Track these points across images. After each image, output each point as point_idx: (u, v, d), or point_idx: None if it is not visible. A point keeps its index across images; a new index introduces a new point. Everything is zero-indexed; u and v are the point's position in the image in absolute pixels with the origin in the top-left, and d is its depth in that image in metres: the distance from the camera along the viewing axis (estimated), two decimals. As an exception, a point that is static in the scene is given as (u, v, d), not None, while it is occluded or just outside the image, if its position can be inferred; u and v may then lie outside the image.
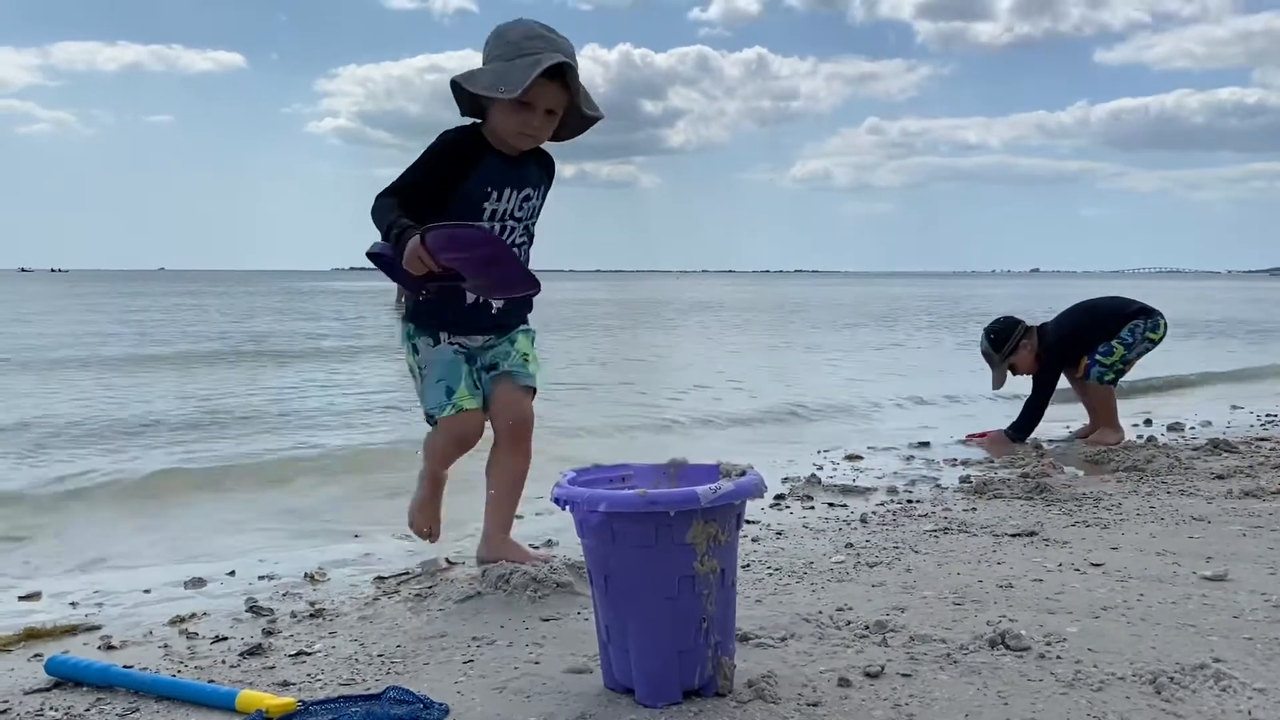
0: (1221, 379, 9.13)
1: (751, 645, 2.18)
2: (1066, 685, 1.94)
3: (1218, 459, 4.67)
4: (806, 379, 9.32)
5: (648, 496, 1.80)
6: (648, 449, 5.46)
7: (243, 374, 9.59)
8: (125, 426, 6.11)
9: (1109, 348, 5.33)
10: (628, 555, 1.84)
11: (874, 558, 2.94)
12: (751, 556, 2.97)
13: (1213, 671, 1.97)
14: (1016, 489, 3.94)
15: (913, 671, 2.03)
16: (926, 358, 12.14)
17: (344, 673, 2.09)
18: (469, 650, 2.21)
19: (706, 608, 1.87)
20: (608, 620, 1.92)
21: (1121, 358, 5.32)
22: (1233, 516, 3.43)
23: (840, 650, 2.16)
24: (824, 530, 3.35)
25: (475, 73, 2.59)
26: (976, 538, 3.18)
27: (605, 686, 1.96)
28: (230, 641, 2.33)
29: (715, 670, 1.90)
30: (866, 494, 4.03)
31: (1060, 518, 3.45)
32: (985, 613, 2.40)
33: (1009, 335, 5.44)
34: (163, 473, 4.65)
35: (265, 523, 3.81)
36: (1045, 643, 2.17)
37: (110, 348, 12.84)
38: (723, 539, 1.86)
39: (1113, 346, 5.32)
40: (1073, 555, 2.93)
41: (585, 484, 2.03)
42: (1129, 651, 2.12)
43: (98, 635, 2.41)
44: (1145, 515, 3.47)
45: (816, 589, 2.63)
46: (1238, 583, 2.63)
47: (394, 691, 1.90)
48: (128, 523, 3.83)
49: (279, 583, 2.89)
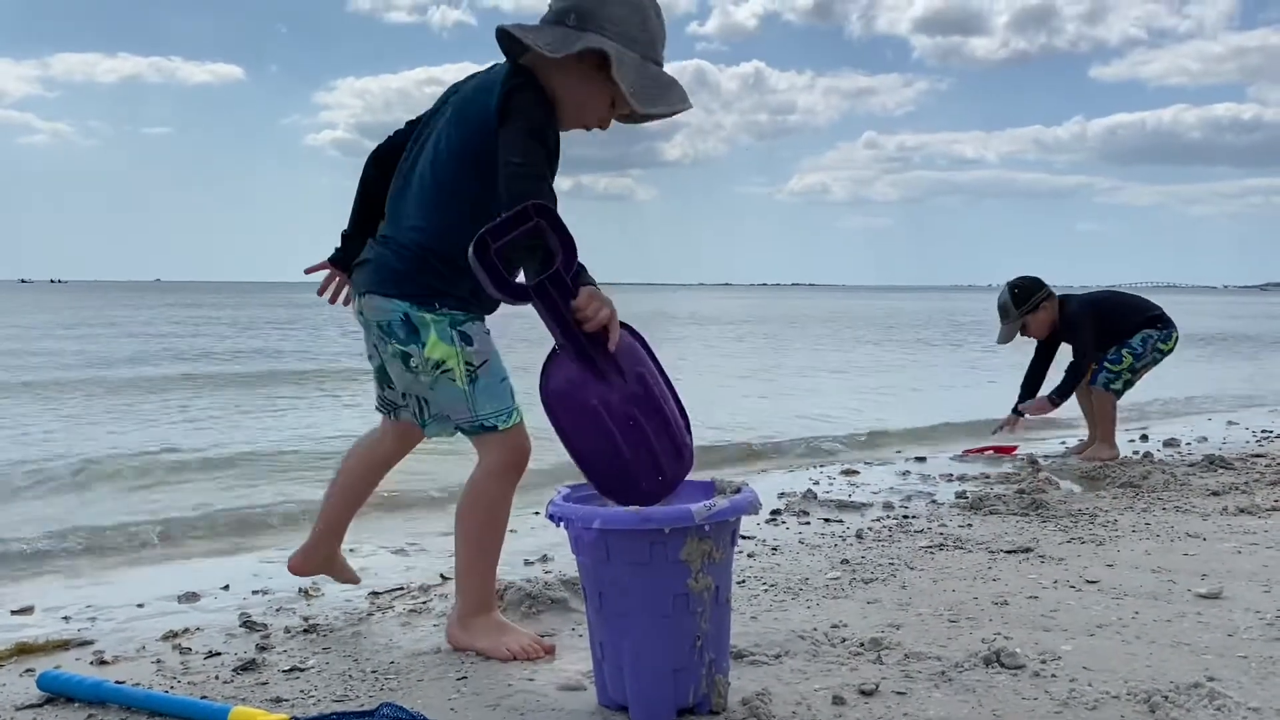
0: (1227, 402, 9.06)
1: (746, 663, 2.18)
2: (1061, 704, 1.94)
3: (1213, 475, 4.67)
4: (811, 397, 9.33)
5: (642, 513, 1.80)
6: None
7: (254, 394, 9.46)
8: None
9: (1118, 355, 5.30)
10: (622, 572, 1.84)
11: (869, 574, 2.94)
12: (747, 572, 2.97)
13: (1207, 691, 1.96)
14: (1012, 505, 3.93)
15: (907, 689, 2.02)
16: (932, 373, 12.17)
17: (337, 689, 2.08)
18: (463, 667, 2.20)
19: (701, 625, 1.86)
20: (602, 637, 1.92)
21: (1130, 366, 5.31)
22: (1228, 534, 3.43)
23: (835, 668, 2.16)
24: (820, 546, 3.35)
25: (620, 56, 2.15)
26: (972, 554, 3.18)
27: (599, 704, 1.96)
28: (224, 657, 2.32)
29: (709, 688, 1.89)
30: (862, 509, 4.03)
31: (1056, 534, 3.45)
32: (980, 630, 2.40)
33: (1032, 294, 5.40)
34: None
35: (259, 536, 3.80)
36: (1040, 661, 2.17)
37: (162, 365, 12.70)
38: (717, 556, 1.86)
39: (1122, 355, 5.29)
40: (1068, 572, 2.93)
41: (580, 500, 2.03)
42: (1123, 670, 2.12)
43: (90, 650, 2.40)
44: (1141, 532, 3.47)
45: (812, 606, 2.63)
46: (1232, 600, 2.63)
47: (387, 709, 1.89)
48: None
49: (273, 598, 2.88)
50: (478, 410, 2.25)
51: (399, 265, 2.27)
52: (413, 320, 2.24)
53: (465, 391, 2.24)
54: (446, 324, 2.24)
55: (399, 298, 2.25)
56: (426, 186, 2.28)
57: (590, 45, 2.15)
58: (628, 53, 2.17)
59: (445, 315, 2.25)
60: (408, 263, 2.26)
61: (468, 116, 2.25)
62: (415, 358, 2.25)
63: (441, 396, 2.27)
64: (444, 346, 2.23)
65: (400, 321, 2.25)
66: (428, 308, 2.24)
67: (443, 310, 2.24)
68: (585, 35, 2.16)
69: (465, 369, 2.24)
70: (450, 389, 2.25)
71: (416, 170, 2.31)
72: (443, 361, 2.23)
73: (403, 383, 2.33)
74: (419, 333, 2.24)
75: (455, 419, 2.28)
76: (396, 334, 2.26)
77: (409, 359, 2.26)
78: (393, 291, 2.26)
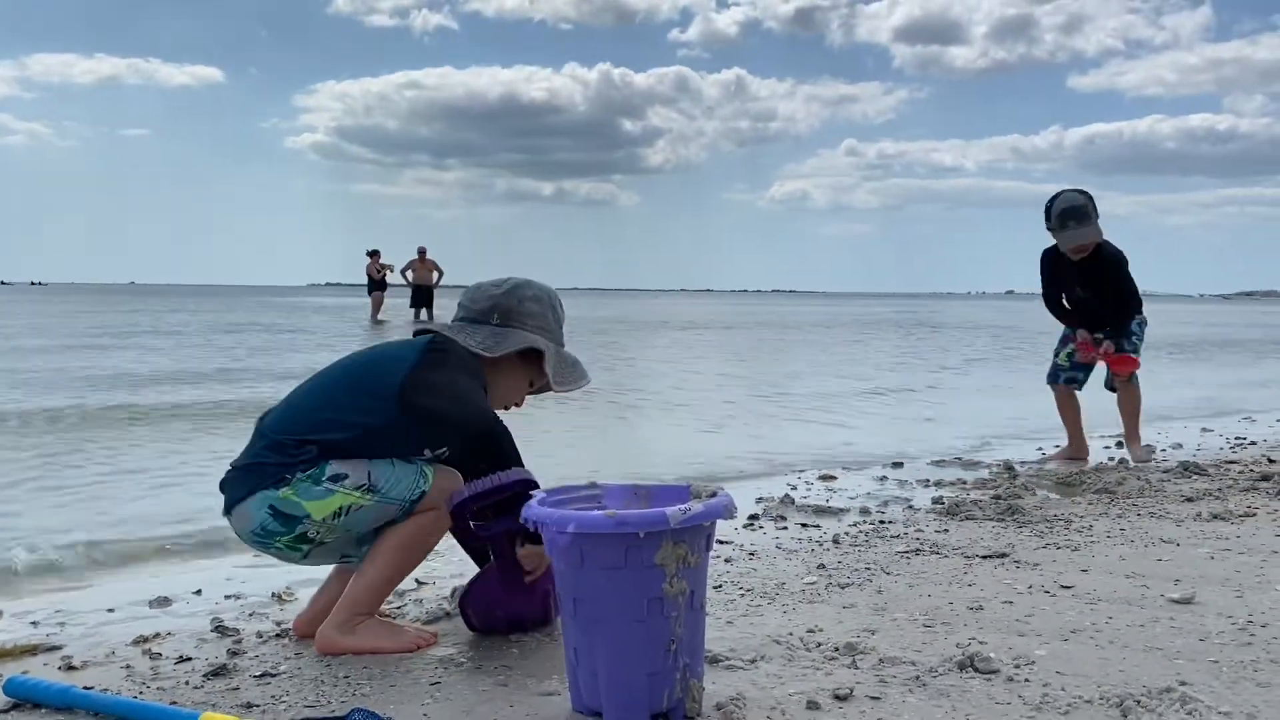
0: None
1: (721, 667, 2.17)
2: (1034, 708, 1.95)
3: (1188, 481, 4.71)
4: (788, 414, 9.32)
5: (617, 518, 1.79)
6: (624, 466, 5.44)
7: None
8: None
9: (1140, 334, 5.40)
10: (596, 577, 1.83)
11: (845, 579, 2.94)
12: (724, 577, 2.96)
13: (1179, 695, 1.97)
14: (988, 510, 3.95)
15: (881, 694, 2.02)
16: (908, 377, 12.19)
17: (309, 694, 2.07)
18: (435, 672, 2.19)
19: (675, 630, 1.86)
20: (576, 642, 1.91)
21: (1135, 347, 5.38)
22: (1201, 539, 3.46)
23: (810, 672, 2.15)
24: (796, 551, 3.35)
25: (549, 349, 2.49)
26: (948, 559, 3.19)
27: (574, 709, 1.95)
28: (195, 662, 2.30)
29: (684, 693, 1.89)
30: (839, 515, 4.03)
31: (1031, 539, 3.47)
32: (955, 635, 2.40)
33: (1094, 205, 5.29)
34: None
35: (232, 542, 3.76)
36: (1014, 665, 2.18)
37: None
38: (692, 561, 1.86)
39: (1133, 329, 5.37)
40: (1043, 577, 2.94)
41: (555, 504, 2.02)
42: (1096, 674, 2.13)
43: (58, 655, 2.37)
44: (1115, 537, 3.49)
45: (788, 610, 2.63)
46: (1205, 605, 2.64)
47: (359, 714, 1.88)
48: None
49: (245, 602, 2.85)
50: (400, 498, 2.32)
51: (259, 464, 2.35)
52: (278, 507, 2.27)
53: (376, 503, 2.30)
54: (309, 483, 2.27)
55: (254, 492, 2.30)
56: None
57: (527, 344, 2.47)
58: (550, 344, 2.50)
59: (305, 478, 2.27)
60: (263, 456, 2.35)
61: (369, 358, 2.51)
62: (311, 529, 2.29)
63: (365, 520, 2.32)
64: (323, 502, 2.27)
65: (270, 517, 2.28)
66: (281, 485, 2.27)
67: (298, 477, 2.27)
68: (514, 333, 2.48)
69: (360, 493, 2.29)
70: (365, 514, 2.31)
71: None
72: (339, 508, 2.28)
73: (331, 551, 2.41)
74: (294, 513, 2.27)
75: (385, 520, 2.34)
76: (274, 529, 2.30)
77: (306, 537, 2.30)
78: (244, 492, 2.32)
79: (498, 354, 2.43)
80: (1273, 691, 2.03)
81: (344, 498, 2.27)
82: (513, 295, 2.51)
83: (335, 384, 2.43)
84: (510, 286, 2.53)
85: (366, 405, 2.34)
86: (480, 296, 2.53)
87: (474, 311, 2.51)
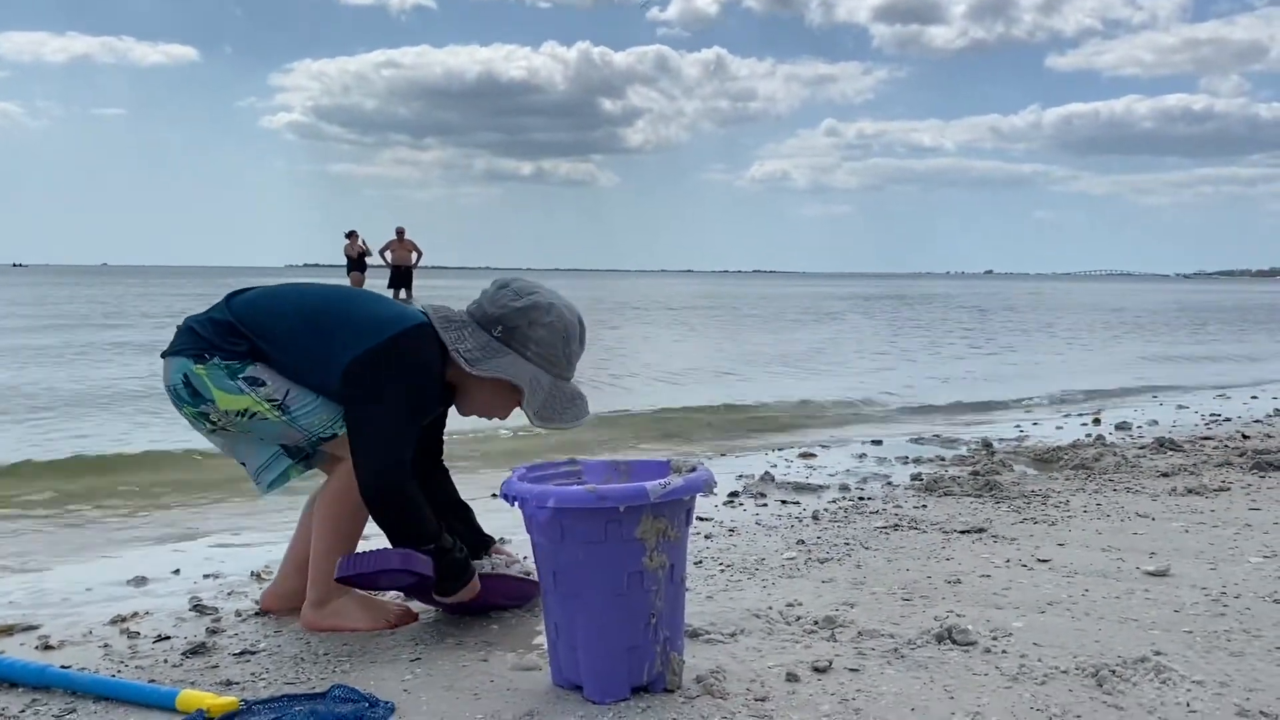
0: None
1: (701, 641, 2.18)
2: (1011, 679, 1.97)
3: (1163, 457, 4.76)
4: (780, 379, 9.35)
5: (597, 492, 1.79)
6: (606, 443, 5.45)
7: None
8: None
9: None
10: (576, 551, 1.83)
11: (825, 554, 2.96)
12: (704, 553, 2.97)
13: (1153, 664, 2.00)
14: (966, 486, 3.98)
15: (860, 666, 2.04)
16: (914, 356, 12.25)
17: (289, 672, 2.06)
18: (416, 648, 2.19)
19: (655, 604, 1.86)
20: (556, 617, 1.91)
21: None
22: (1176, 513, 3.50)
23: (789, 645, 2.17)
24: (776, 527, 3.36)
25: (534, 387, 2.28)
26: (926, 534, 3.21)
27: (554, 683, 1.95)
28: (173, 641, 2.28)
29: (664, 666, 1.90)
30: (819, 491, 4.05)
31: (1009, 515, 3.49)
32: (933, 608, 2.42)
33: None
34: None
35: (211, 521, 3.74)
36: (991, 637, 2.20)
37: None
38: (672, 535, 1.86)
39: None
40: (1020, 551, 2.97)
41: (535, 480, 2.02)
42: (1073, 645, 2.15)
43: (35, 635, 2.35)
44: (1092, 512, 3.53)
45: (767, 585, 2.64)
46: (1179, 578, 2.67)
47: (339, 690, 1.87)
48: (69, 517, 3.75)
49: (224, 581, 2.84)
50: (309, 429, 2.28)
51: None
52: (189, 379, 2.26)
53: (283, 422, 2.27)
54: (223, 373, 2.25)
55: (176, 354, 2.29)
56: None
57: (504, 376, 2.27)
58: (543, 376, 2.29)
59: (221, 365, 2.25)
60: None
61: (348, 313, 2.34)
62: (213, 413, 2.28)
63: (269, 432, 2.30)
64: (231, 396, 2.25)
65: (181, 384, 2.28)
66: (199, 360, 2.25)
67: (215, 360, 2.25)
68: (507, 355, 2.27)
69: (270, 406, 2.26)
70: (269, 426, 2.28)
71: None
72: (245, 409, 2.26)
73: (235, 441, 2.36)
74: (202, 392, 2.26)
75: (290, 443, 2.32)
76: (183, 396, 2.29)
77: (209, 417, 2.29)
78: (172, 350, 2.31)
79: (475, 373, 2.26)
80: (1245, 660, 2.06)
81: (252, 403, 2.25)
82: (525, 315, 2.28)
83: (306, 312, 2.32)
84: (528, 304, 2.29)
85: (315, 354, 2.26)
86: (499, 299, 2.31)
87: (484, 312, 2.31)
